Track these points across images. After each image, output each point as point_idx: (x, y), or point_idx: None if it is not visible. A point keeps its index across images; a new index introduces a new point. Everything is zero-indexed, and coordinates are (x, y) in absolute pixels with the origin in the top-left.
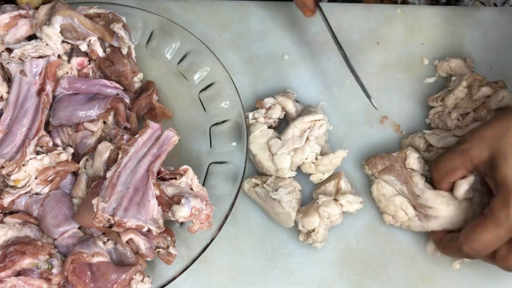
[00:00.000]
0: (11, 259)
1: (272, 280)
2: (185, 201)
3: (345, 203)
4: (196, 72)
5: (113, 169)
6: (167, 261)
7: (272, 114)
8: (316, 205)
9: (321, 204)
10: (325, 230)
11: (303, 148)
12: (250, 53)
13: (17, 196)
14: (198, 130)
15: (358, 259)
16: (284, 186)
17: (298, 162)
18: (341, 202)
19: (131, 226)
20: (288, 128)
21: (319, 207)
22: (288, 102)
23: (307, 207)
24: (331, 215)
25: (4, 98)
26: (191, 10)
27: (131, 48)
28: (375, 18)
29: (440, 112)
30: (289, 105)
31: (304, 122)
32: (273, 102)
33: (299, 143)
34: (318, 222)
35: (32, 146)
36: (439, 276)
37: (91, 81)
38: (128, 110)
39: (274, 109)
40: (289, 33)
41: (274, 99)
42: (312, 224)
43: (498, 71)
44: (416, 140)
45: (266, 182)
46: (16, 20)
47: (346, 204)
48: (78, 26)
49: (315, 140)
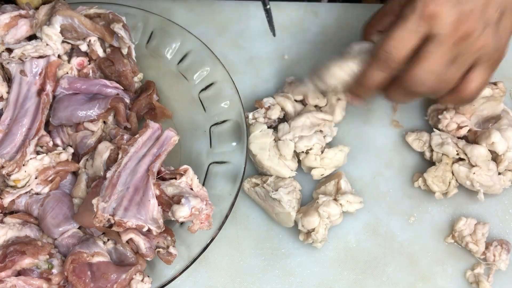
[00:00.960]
0: (11, 259)
1: (272, 280)
2: (185, 201)
3: (345, 203)
4: (196, 72)
5: (113, 169)
6: (167, 261)
7: (271, 114)
8: (316, 204)
9: (321, 204)
10: (325, 230)
11: (310, 137)
12: (250, 53)
13: (17, 196)
14: (198, 130)
15: (358, 259)
16: (284, 186)
17: (302, 149)
18: (341, 202)
19: (131, 226)
20: (301, 116)
21: (319, 207)
22: (287, 102)
23: (307, 207)
24: (331, 215)
25: (4, 98)
26: (191, 10)
27: (131, 48)
28: None
29: (439, 110)
30: (288, 105)
31: (316, 117)
32: (272, 102)
33: (308, 132)
34: (318, 222)
35: (32, 146)
36: (439, 276)
37: (91, 81)
38: (128, 110)
39: (274, 109)
40: (289, 33)
41: (274, 99)
42: (312, 224)
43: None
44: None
45: (266, 182)
46: (16, 20)
47: (346, 204)
48: (78, 26)
49: (323, 134)
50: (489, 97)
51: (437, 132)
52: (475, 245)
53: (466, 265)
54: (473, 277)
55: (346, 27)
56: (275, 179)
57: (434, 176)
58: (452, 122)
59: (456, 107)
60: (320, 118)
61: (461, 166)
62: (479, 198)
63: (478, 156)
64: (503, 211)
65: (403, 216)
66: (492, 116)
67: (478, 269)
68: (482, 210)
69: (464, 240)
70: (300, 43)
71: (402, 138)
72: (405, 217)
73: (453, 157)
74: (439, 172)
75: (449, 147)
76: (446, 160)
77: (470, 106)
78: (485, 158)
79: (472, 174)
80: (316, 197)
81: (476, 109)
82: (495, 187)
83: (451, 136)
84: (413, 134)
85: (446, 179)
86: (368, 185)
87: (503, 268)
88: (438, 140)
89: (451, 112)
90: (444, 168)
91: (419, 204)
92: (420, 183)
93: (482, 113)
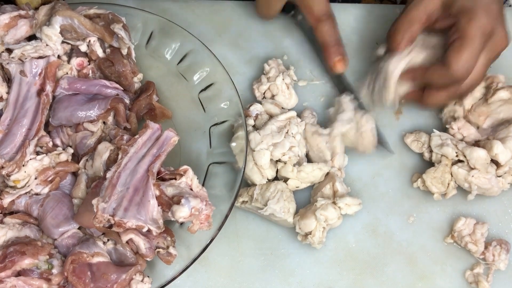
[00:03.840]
0: (11, 259)
1: (271, 280)
2: (185, 201)
3: (343, 206)
4: (196, 73)
5: (113, 170)
6: (167, 261)
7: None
8: (314, 207)
9: (319, 207)
10: (322, 232)
11: (283, 143)
12: (250, 53)
13: (17, 197)
14: (198, 130)
15: (357, 259)
16: (272, 196)
17: (278, 156)
18: (339, 205)
19: (131, 226)
20: (266, 125)
21: (316, 210)
22: (276, 110)
23: (305, 209)
24: (328, 218)
25: (4, 99)
26: (191, 10)
27: (131, 49)
28: (375, 18)
29: (454, 111)
30: (276, 112)
31: (279, 120)
32: (260, 109)
33: (279, 138)
34: (315, 225)
35: (32, 146)
36: (438, 276)
37: (91, 82)
38: (128, 111)
39: (262, 116)
40: (289, 33)
41: (261, 105)
42: (309, 227)
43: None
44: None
45: (253, 196)
46: (16, 20)
47: (344, 207)
48: (78, 26)
49: (293, 135)
50: (506, 100)
51: (437, 133)
52: (474, 245)
53: (466, 265)
54: (472, 277)
55: (346, 27)
56: (260, 189)
57: (433, 177)
58: (458, 133)
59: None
60: (284, 119)
61: (460, 168)
62: (469, 198)
63: (478, 159)
64: (502, 211)
65: (402, 216)
66: (507, 119)
67: (477, 269)
68: (481, 210)
69: (463, 240)
70: (300, 43)
71: (401, 138)
72: (405, 217)
73: (453, 158)
74: (438, 173)
75: (449, 148)
76: (445, 161)
77: (486, 108)
78: (484, 161)
79: (471, 177)
80: (314, 200)
81: (493, 111)
82: (492, 189)
83: (451, 137)
84: (412, 136)
85: (445, 180)
86: (368, 185)
87: (502, 268)
88: (438, 141)
89: (460, 122)
90: (443, 170)
91: (418, 204)
92: (419, 184)
93: (498, 116)
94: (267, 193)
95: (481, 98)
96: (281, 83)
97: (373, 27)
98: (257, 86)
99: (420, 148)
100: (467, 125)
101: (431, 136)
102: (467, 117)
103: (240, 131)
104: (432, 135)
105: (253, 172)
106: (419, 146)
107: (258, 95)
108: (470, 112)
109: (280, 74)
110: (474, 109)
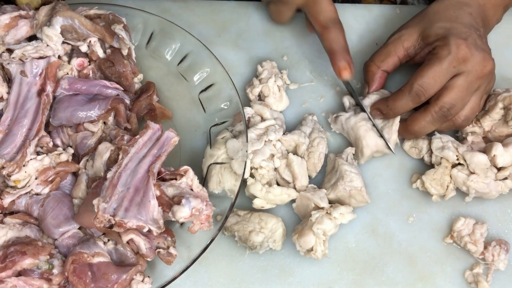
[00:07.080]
0: (12, 260)
1: (271, 280)
2: (185, 201)
3: (338, 216)
4: (196, 73)
5: (114, 170)
6: (167, 261)
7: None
8: (310, 223)
9: (315, 222)
10: (323, 245)
11: (263, 150)
12: (250, 54)
13: (18, 197)
14: (198, 130)
15: (357, 259)
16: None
17: (258, 163)
18: (334, 215)
19: (131, 226)
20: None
21: (313, 225)
22: (265, 111)
23: (302, 226)
24: (326, 231)
25: (5, 99)
26: (191, 10)
27: (131, 49)
28: (374, 18)
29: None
30: (266, 113)
31: (258, 128)
32: (250, 111)
33: (259, 145)
34: (314, 241)
35: (32, 146)
36: (438, 276)
37: (92, 82)
38: (129, 111)
39: (254, 118)
40: (289, 34)
41: (251, 108)
42: (309, 244)
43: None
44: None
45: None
46: (16, 20)
47: (339, 217)
48: (78, 27)
49: (272, 142)
50: None
51: (437, 135)
52: (473, 245)
53: (465, 265)
54: (472, 277)
55: (346, 27)
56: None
57: (432, 179)
58: (471, 145)
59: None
60: (264, 127)
61: (460, 172)
62: (467, 200)
63: (477, 164)
64: (501, 212)
65: (402, 217)
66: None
67: (477, 269)
68: (480, 210)
69: (463, 240)
70: (299, 43)
71: (400, 139)
72: (404, 217)
73: (453, 161)
74: (437, 175)
75: (449, 151)
76: (445, 163)
77: (507, 128)
78: (484, 166)
79: (470, 181)
80: (309, 215)
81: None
82: (490, 193)
83: (452, 140)
84: (409, 142)
85: (444, 182)
86: (367, 186)
87: (501, 268)
88: (439, 144)
89: (477, 138)
90: (443, 172)
91: (418, 204)
92: (418, 184)
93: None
94: (249, 225)
95: (500, 118)
96: (272, 84)
97: (373, 27)
98: (250, 90)
99: (418, 154)
100: (482, 142)
101: (432, 138)
102: (486, 137)
103: (224, 134)
104: (433, 138)
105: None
106: (417, 152)
107: (252, 98)
108: (490, 132)
109: (273, 76)
110: (494, 129)
